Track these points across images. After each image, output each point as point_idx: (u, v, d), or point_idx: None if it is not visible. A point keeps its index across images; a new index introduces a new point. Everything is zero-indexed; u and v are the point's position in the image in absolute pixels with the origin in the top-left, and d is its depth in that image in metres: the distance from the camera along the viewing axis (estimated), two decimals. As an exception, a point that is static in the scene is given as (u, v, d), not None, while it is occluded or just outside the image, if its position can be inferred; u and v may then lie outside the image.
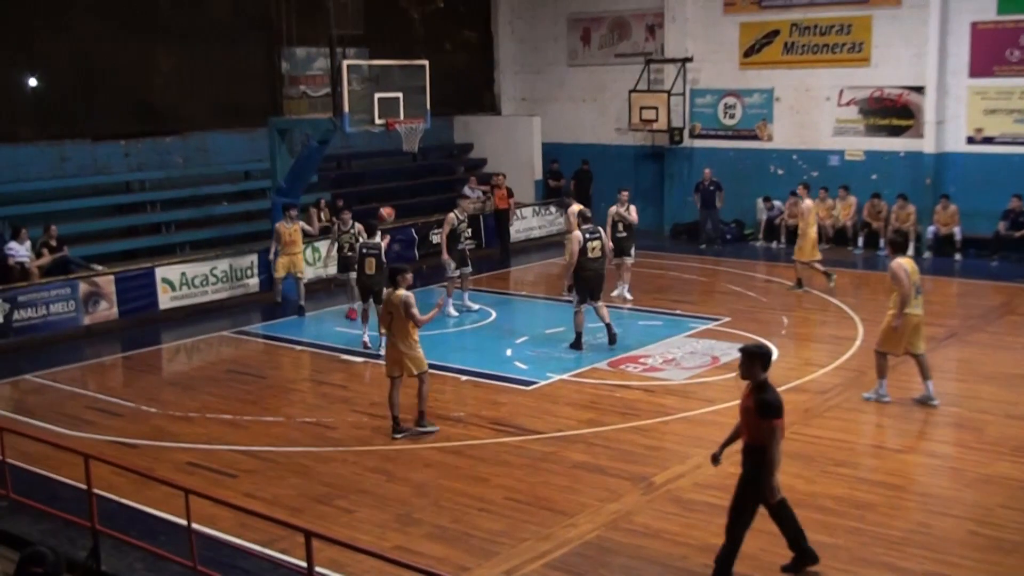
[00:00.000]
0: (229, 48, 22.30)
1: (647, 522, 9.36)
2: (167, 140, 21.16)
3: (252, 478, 10.64)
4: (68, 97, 19.97)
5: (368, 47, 22.23)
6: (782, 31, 23.52)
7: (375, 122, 17.84)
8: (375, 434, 11.89)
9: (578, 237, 15.02)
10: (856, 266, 21.32)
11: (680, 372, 13.94)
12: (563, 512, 9.61)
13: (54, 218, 18.06)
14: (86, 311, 16.89)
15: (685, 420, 12.13)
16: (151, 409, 12.96)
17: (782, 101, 23.82)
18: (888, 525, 9.18)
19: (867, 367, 13.87)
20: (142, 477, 9.28)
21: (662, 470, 10.57)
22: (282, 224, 17.97)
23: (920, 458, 10.97)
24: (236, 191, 21.87)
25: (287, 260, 17.98)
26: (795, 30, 23.34)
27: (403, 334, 11.46)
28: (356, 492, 10.19)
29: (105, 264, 18.04)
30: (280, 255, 17.95)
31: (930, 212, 21.66)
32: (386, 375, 11.78)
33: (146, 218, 20.28)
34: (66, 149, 19.67)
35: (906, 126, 22.25)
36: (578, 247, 14.92)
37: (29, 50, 19.37)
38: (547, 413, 12.47)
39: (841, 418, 12.07)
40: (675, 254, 21.59)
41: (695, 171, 24.62)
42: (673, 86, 24.57)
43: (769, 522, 9.16)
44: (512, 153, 26.39)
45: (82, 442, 11.28)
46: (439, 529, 9.34)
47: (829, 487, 10.02)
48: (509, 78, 28.13)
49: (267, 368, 15.00)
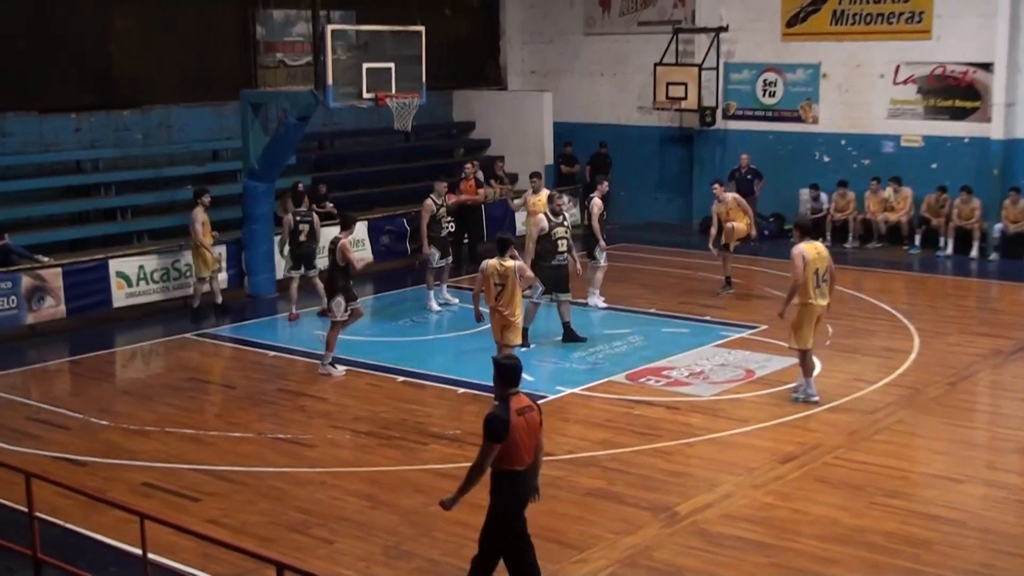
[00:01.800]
0: (196, 10, 22.25)
1: (669, 558, 9.35)
2: (124, 114, 21.16)
3: (217, 502, 10.65)
4: (11, 64, 19.93)
5: (356, 10, 22.25)
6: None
7: (363, 96, 17.83)
8: (359, 453, 11.92)
9: (541, 223, 15.56)
10: (912, 268, 21.34)
11: (709, 387, 13.94)
12: (573, 546, 9.60)
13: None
14: (29, 308, 16.91)
15: (713, 442, 12.13)
16: (103, 422, 12.96)
17: (829, 78, 23.80)
18: (946, 565, 9.16)
19: (923, 383, 13.92)
20: (91, 499, 9.26)
21: (686, 499, 10.57)
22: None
23: (982, 489, 10.94)
24: (203, 173, 21.85)
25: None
26: (846, -4, 23.37)
27: (513, 303, 13.33)
28: (337, 520, 10.20)
29: (51, 255, 18.03)
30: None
31: (997, 207, 21.66)
32: (499, 343, 13.45)
33: (99, 203, 20.26)
34: (8, 122, 19.65)
35: (971, 108, 22.23)
36: (536, 233, 15.42)
37: (-34, 9, 19.40)
38: (556, 432, 12.45)
39: (893, 442, 12.06)
40: (705, 252, 21.51)
41: (729, 157, 24.62)
42: (705, 59, 24.57)
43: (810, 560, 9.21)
44: (519, 134, 26.36)
45: (23, 458, 11.25)
46: (431, 563, 9.35)
47: (878, 521, 10.00)
48: (516, 48, 28.14)
49: (236, 376, 15.01)
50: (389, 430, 12.59)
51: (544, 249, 15.62)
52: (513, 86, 28.12)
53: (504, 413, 7.85)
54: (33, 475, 8.75)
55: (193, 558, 9.12)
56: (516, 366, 8.18)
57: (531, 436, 7.99)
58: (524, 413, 7.94)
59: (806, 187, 23.63)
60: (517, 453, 7.89)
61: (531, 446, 8.01)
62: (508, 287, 13.37)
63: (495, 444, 7.79)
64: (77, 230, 19.75)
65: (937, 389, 13.79)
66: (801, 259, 12.77)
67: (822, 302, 12.93)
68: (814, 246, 13.07)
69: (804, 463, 11.39)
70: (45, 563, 8.54)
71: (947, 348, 15.59)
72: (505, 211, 22.71)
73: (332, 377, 14.56)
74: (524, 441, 7.92)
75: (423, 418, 13.08)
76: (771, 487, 10.83)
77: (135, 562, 8.44)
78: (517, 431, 7.85)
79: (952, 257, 21.77)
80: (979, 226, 21.59)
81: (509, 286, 13.38)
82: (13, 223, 18.28)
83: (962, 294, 19.94)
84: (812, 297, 12.79)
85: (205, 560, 9.09)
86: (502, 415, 7.84)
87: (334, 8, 19.25)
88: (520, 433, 7.88)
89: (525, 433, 7.92)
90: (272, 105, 19.70)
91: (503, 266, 13.37)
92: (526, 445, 7.94)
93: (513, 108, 26.84)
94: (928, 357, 15.14)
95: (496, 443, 7.79)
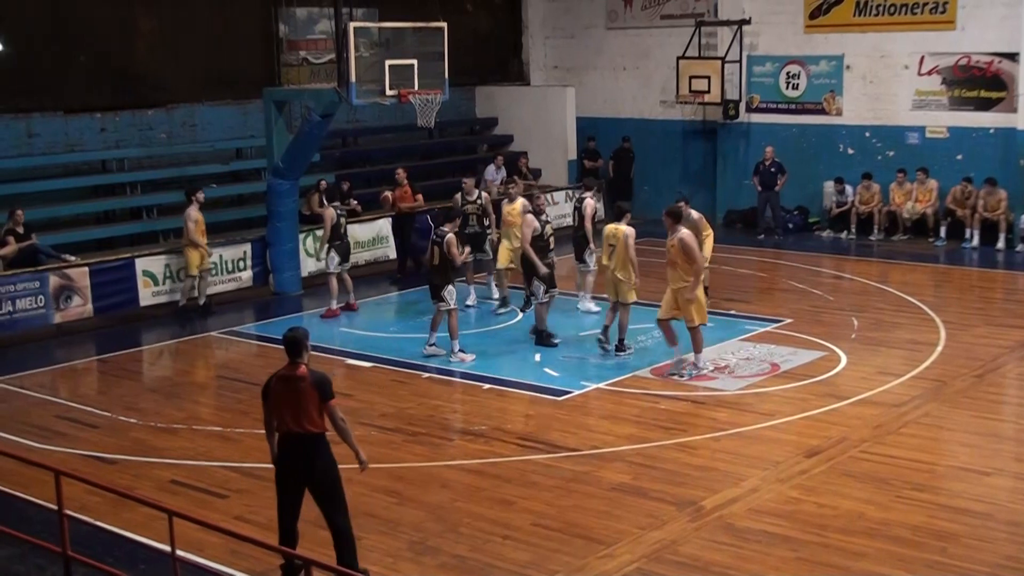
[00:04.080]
0: (220, 8, 22.38)
1: (695, 553, 9.35)
2: (149, 113, 21.26)
3: (244, 499, 10.72)
4: (37, 65, 20.08)
5: (378, 8, 22.29)
6: (854, -12, 23.43)
7: (386, 93, 17.86)
8: (385, 449, 11.94)
9: (533, 223, 15.55)
10: (938, 260, 21.23)
11: (734, 381, 13.92)
12: (599, 540, 9.61)
13: (20, 201, 18.15)
14: (57, 307, 17.03)
15: (739, 436, 12.11)
16: (130, 419, 13.05)
17: (853, 70, 23.69)
18: (974, 559, 9.13)
19: (950, 376, 13.86)
20: (120, 497, 9.33)
21: (712, 493, 10.56)
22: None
23: (1011, 481, 10.89)
24: (227, 171, 21.98)
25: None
26: (869, -13, 23.25)
27: (623, 264, 14.57)
28: (363, 516, 10.22)
29: (78, 254, 18.15)
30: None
31: (1023, 198, 21.52)
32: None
33: (125, 202, 20.39)
34: (34, 123, 19.79)
35: (997, 99, 22.09)
36: (531, 234, 15.44)
37: (-8, 12, 19.54)
38: (581, 427, 12.50)
39: (920, 435, 12.02)
40: (729, 245, 21.50)
41: (752, 150, 24.56)
42: (728, 52, 24.49)
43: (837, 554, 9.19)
44: (542, 129, 26.37)
45: (53, 456, 11.37)
46: (457, 559, 9.37)
47: (905, 515, 9.98)
48: (539, 43, 28.12)
49: (262, 373, 14.93)
50: (415, 426, 12.63)
51: (538, 248, 15.49)
52: (536, 81, 28.11)
53: (271, 377, 8.69)
54: (62, 473, 8.80)
55: (221, 554, 9.17)
56: (292, 338, 8.65)
57: (288, 405, 8.51)
58: (289, 381, 8.54)
59: (831, 180, 23.54)
60: (278, 415, 8.61)
61: (290, 414, 8.50)
62: (618, 249, 14.57)
63: (263, 401, 8.72)
64: (103, 229, 19.86)
65: (964, 382, 13.72)
66: (695, 242, 13.65)
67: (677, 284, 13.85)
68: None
69: (830, 457, 11.37)
70: (75, 560, 8.59)
71: (974, 340, 15.51)
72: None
73: (464, 362, 14.90)
74: (281, 406, 8.56)
75: (448, 414, 13.13)
76: (797, 481, 10.80)
77: (163, 558, 8.50)
78: (274, 395, 8.62)
79: (978, 249, 21.64)
80: (1005, 217, 21.47)
81: (619, 249, 14.56)
82: (40, 223, 18.39)
83: (988, 286, 19.83)
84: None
85: (233, 556, 9.16)
86: (269, 378, 8.71)
87: (356, 5, 19.30)
88: (277, 398, 8.60)
89: (283, 399, 8.55)
90: (296, 103, 19.78)
91: (615, 231, 14.63)
92: (283, 410, 8.54)
93: (536, 103, 26.85)
94: (954, 350, 15.06)
95: (263, 400, 8.71)
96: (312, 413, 8.49)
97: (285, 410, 8.54)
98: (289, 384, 8.54)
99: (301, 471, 8.58)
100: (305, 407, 8.47)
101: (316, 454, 8.56)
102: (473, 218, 17.88)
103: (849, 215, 23.04)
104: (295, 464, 8.60)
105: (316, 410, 8.50)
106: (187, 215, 17.77)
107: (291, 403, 8.51)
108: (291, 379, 8.55)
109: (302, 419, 8.48)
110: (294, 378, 8.53)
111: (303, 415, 8.48)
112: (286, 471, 8.66)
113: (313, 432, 8.52)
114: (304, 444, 8.54)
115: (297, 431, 8.51)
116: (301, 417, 8.48)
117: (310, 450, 8.55)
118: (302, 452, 8.56)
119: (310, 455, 8.55)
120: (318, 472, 8.56)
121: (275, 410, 8.64)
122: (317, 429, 8.53)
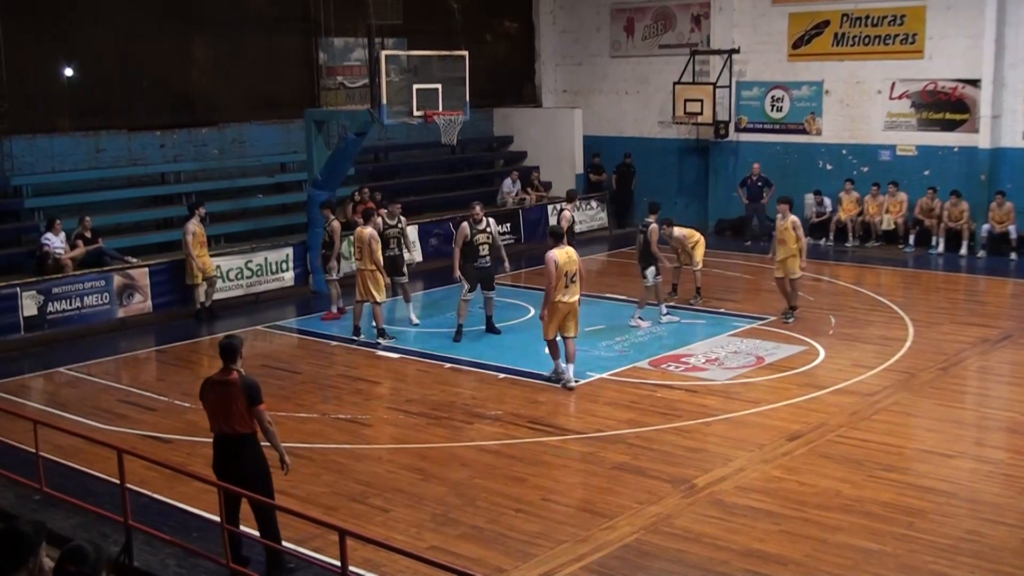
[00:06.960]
0: (266, 38, 22.44)
1: (688, 525, 9.33)
2: (203, 131, 21.32)
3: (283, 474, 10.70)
4: (104, 88, 20.19)
5: (407, 38, 22.27)
6: (832, 21, 23.28)
7: (413, 114, 17.86)
8: (411, 431, 11.94)
9: (464, 231, 15.58)
10: (907, 264, 21.12)
11: (723, 372, 13.87)
12: (602, 514, 9.59)
13: (89, 209, 18.25)
14: (120, 304, 17.07)
15: (728, 421, 12.07)
16: (185, 404, 13.05)
17: (831, 94, 23.60)
18: (937, 532, 9.08)
19: (918, 368, 13.79)
20: (175, 472, 9.37)
21: (704, 472, 10.53)
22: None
23: (971, 463, 10.81)
24: (272, 183, 22.01)
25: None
26: (846, 20, 23.11)
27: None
28: (391, 491, 10.23)
29: (139, 256, 18.20)
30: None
31: (984, 209, 21.39)
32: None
33: (182, 210, 20.36)
34: (102, 140, 19.87)
35: (960, 120, 21.97)
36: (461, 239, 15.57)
37: (66, 40, 19.58)
38: (586, 413, 12.47)
39: (890, 421, 11.95)
40: (719, 251, 21.44)
41: (740, 165, 24.48)
42: (719, 78, 24.42)
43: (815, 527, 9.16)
44: (553, 146, 26.34)
45: (115, 436, 11.40)
46: (475, 530, 9.36)
47: (877, 492, 9.93)
48: (550, 69, 28.09)
49: (301, 363, 15.07)
50: (438, 411, 12.62)
51: (469, 252, 15.57)
52: (547, 103, 28.06)
53: (206, 381, 8.52)
54: (124, 451, 8.83)
55: (264, 525, 9.16)
56: (227, 345, 8.46)
57: (220, 407, 8.33)
58: (221, 386, 8.32)
59: (811, 192, 23.43)
60: (211, 416, 8.46)
61: (221, 416, 8.33)
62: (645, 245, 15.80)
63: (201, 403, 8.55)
64: (162, 234, 19.86)
65: (930, 374, 13.64)
66: (553, 263, 12.84)
67: (570, 299, 13.00)
68: (565, 251, 13.09)
69: (810, 440, 11.31)
70: (135, 528, 8.62)
71: (939, 337, 15.42)
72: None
73: (640, 328, 15.68)
74: (211, 409, 8.41)
75: (468, 400, 13.10)
76: (780, 462, 10.75)
77: (214, 527, 8.53)
78: (205, 396, 8.47)
79: (943, 255, 21.52)
80: (968, 227, 21.35)
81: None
82: (107, 229, 18.50)
83: (952, 288, 19.72)
84: (561, 296, 12.88)
85: (275, 526, 9.14)
86: (204, 382, 8.54)
87: (388, 36, 19.28)
88: (207, 401, 8.45)
89: (212, 403, 8.39)
90: (333, 122, 19.81)
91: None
92: (215, 412, 8.37)
93: (547, 123, 26.79)
94: (922, 345, 14.98)
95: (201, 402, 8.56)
96: (241, 415, 8.26)
97: (217, 412, 8.37)
98: (221, 388, 8.33)
99: (231, 469, 8.38)
100: (234, 410, 8.26)
101: (244, 453, 8.36)
102: (393, 242, 16.44)
103: (828, 224, 22.95)
104: (226, 462, 8.42)
105: (245, 412, 8.25)
106: (185, 228, 17.45)
107: (222, 406, 8.30)
108: (223, 384, 8.32)
109: (232, 421, 8.29)
110: (226, 383, 8.31)
111: (233, 417, 8.27)
112: (218, 469, 8.46)
113: (242, 433, 8.29)
114: (234, 444, 8.35)
115: (227, 432, 8.33)
116: (231, 419, 8.29)
117: (239, 449, 8.35)
118: (232, 451, 8.38)
119: (239, 454, 8.36)
120: (246, 470, 8.35)
121: (208, 412, 8.47)
122: (246, 430, 8.29)
